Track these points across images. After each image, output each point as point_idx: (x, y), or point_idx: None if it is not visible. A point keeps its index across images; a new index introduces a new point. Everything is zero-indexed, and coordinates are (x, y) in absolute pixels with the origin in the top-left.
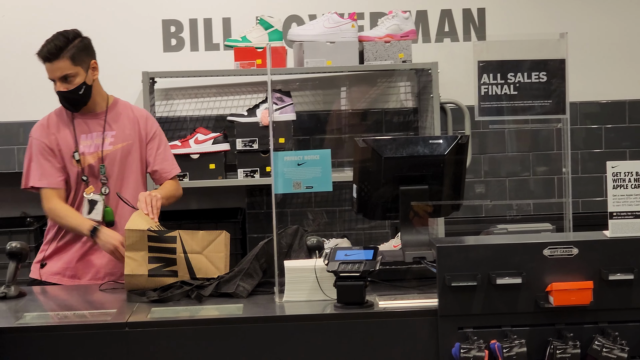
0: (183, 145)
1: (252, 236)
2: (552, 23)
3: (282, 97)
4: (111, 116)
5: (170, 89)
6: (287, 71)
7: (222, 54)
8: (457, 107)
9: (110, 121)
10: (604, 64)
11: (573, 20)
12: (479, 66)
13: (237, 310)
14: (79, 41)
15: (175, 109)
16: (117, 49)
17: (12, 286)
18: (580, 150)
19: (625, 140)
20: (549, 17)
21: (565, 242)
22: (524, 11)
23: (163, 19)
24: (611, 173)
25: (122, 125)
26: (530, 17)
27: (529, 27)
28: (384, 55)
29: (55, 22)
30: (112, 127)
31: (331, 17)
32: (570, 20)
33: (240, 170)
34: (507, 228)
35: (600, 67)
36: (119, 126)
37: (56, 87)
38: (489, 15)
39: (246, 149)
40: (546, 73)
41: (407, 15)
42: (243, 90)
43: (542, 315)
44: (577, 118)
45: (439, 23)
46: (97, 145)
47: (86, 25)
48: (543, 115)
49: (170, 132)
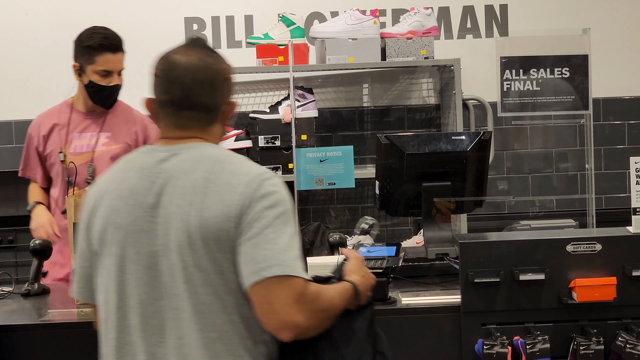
0: None
1: None
2: (575, 18)
3: (305, 94)
4: (110, 117)
5: None
6: (309, 68)
7: (245, 51)
8: (479, 103)
9: (109, 122)
10: (627, 60)
11: (596, 14)
12: (501, 62)
13: None
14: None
15: None
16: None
17: (36, 283)
18: (603, 147)
19: None
20: (572, 11)
21: (588, 238)
22: (547, 6)
23: (185, 17)
24: (634, 169)
25: (118, 127)
26: (553, 12)
27: (551, 22)
28: (406, 52)
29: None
30: (109, 128)
31: (353, 14)
32: (593, 14)
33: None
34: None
35: (623, 62)
36: (115, 128)
37: (107, 80)
38: (511, 11)
39: (268, 145)
40: (569, 69)
41: (429, 11)
42: (265, 87)
43: (566, 312)
44: (600, 114)
45: (461, 19)
46: (90, 146)
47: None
48: (566, 111)
49: None
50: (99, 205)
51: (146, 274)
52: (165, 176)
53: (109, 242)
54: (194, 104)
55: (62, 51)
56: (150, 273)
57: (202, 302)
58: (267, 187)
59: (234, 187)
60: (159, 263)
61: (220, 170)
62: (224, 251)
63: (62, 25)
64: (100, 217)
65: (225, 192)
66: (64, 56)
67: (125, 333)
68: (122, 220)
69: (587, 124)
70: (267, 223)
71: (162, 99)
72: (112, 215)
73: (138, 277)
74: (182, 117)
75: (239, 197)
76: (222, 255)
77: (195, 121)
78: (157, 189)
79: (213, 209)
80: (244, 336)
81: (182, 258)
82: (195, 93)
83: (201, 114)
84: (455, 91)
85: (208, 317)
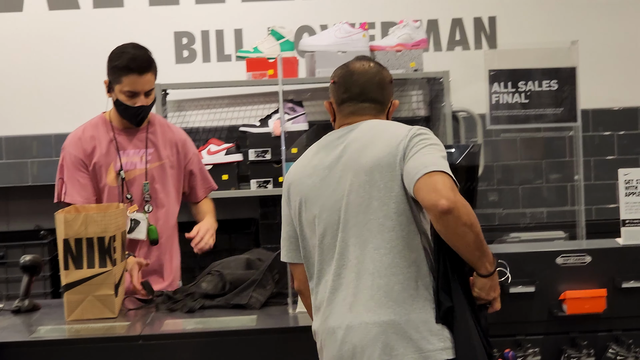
0: None
1: (265, 247)
2: (564, 30)
3: (294, 107)
4: (151, 134)
5: (183, 101)
6: (299, 81)
7: (234, 65)
8: (469, 115)
9: (150, 139)
10: (615, 71)
11: (584, 27)
12: (489, 75)
13: (250, 321)
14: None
15: (187, 120)
16: None
17: (26, 300)
18: (593, 157)
19: (638, 147)
20: (560, 24)
21: (578, 250)
22: (536, 18)
23: (175, 31)
24: (623, 180)
25: (159, 143)
26: (542, 24)
27: (540, 35)
28: (396, 65)
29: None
30: (151, 144)
31: (342, 27)
32: (582, 27)
33: (253, 180)
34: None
35: (612, 73)
36: (157, 144)
37: (132, 101)
38: (499, 24)
39: (259, 159)
40: (557, 81)
41: (418, 24)
42: (255, 101)
43: (556, 324)
44: (590, 125)
45: (450, 32)
46: (134, 163)
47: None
48: (555, 123)
49: None
50: (295, 181)
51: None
52: (345, 144)
53: (308, 205)
54: (368, 98)
55: (53, 66)
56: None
57: (381, 224)
58: (417, 130)
59: (395, 137)
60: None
61: (384, 129)
62: (394, 178)
63: (53, 41)
64: (296, 190)
65: (390, 142)
66: (54, 71)
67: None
68: (312, 182)
69: (575, 136)
70: (421, 147)
71: (343, 97)
72: (304, 182)
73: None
74: (359, 107)
75: (400, 141)
76: (393, 181)
77: (369, 110)
78: (339, 151)
79: (385, 150)
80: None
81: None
82: (368, 90)
83: (373, 105)
84: (445, 103)
85: (387, 235)
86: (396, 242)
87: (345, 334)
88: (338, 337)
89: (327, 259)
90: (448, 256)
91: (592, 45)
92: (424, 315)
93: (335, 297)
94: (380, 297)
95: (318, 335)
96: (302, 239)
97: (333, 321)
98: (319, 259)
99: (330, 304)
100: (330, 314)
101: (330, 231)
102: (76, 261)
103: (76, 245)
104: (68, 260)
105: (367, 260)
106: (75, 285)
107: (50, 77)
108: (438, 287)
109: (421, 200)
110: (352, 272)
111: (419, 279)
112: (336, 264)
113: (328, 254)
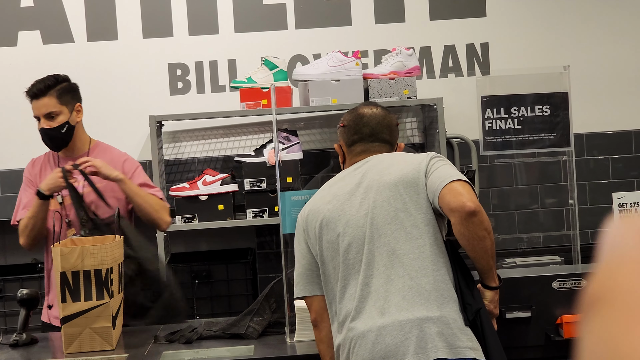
0: (191, 187)
1: (263, 276)
2: (556, 55)
3: (289, 136)
4: (94, 157)
5: (178, 132)
6: (292, 110)
7: (228, 95)
8: (463, 141)
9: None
10: (609, 95)
11: (577, 51)
12: (482, 101)
13: (248, 351)
14: (66, 84)
15: (182, 151)
16: (124, 94)
17: (24, 333)
18: (588, 181)
19: (633, 170)
20: (552, 49)
21: (573, 275)
22: (528, 44)
23: (169, 63)
24: (617, 204)
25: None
26: (534, 49)
27: (533, 60)
28: (389, 92)
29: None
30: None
31: (335, 56)
32: (574, 51)
33: (249, 210)
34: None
35: (605, 97)
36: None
37: (39, 124)
38: (492, 50)
39: (254, 189)
40: (550, 106)
41: (411, 52)
42: (250, 131)
43: (553, 348)
44: (584, 149)
45: (442, 58)
46: (78, 187)
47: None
48: (548, 148)
49: (178, 174)
50: (313, 210)
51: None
52: (363, 172)
53: (330, 226)
54: (378, 138)
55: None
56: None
57: (409, 233)
58: (435, 154)
59: (415, 158)
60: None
61: (401, 154)
62: (419, 192)
63: (43, 75)
64: (314, 218)
65: (411, 161)
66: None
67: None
68: (332, 206)
69: (569, 160)
70: (442, 164)
71: (354, 138)
72: (323, 208)
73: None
74: (370, 146)
75: (421, 160)
76: (418, 195)
77: (379, 148)
78: (358, 178)
79: (407, 168)
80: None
81: (387, 205)
82: (378, 130)
83: (383, 144)
84: (439, 130)
85: (415, 242)
86: (424, 248)
87: (377, 336)
88: (369, 339)
89: (352, 272)
90: (459, 267)
91: (584, 69)
92: (454, 314)
93: (364, 304)
94: (412, 295)
95: (344, 347)
96: (322, 263)
97: (363, 326)
98: (343, 274)
99: (360, 312)
100: (360, 321)
101: (356, 245)
102: (73, 294)
103: (73, 278)
104: (65, 293)
105: (397, 265)
106: (72, 318)
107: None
108: (462, 291)
109: (447, 203)
110: (381, 278)
111: (447, 282)
112: (363, 274)
113: (353, 268)
